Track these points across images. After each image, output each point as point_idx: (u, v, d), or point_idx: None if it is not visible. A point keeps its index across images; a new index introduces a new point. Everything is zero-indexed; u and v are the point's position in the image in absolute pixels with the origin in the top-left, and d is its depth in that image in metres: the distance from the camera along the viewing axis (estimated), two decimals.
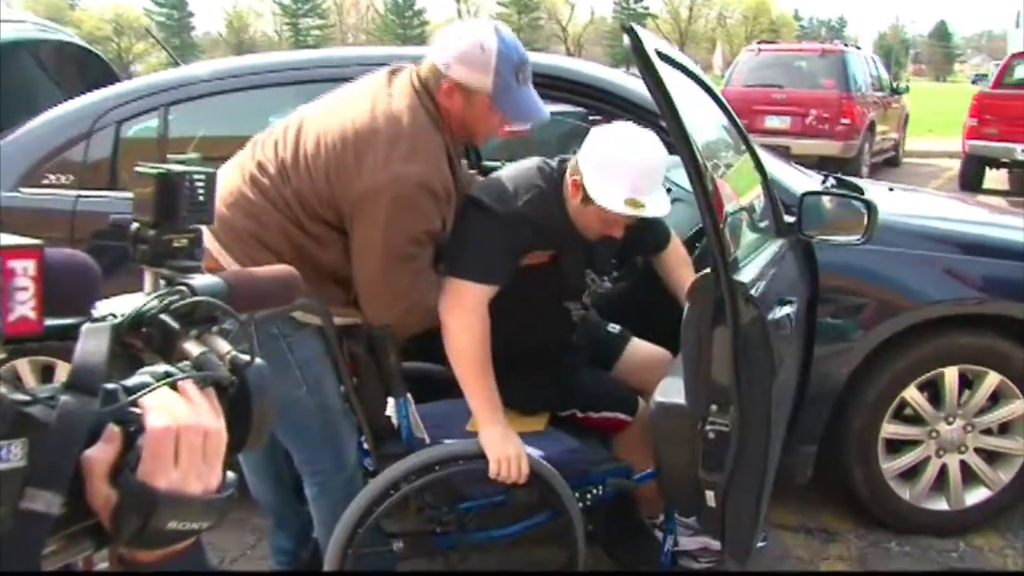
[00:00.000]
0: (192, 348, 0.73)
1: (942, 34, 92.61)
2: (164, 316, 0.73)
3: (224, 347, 0.75)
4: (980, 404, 2.85)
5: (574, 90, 2.87)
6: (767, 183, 2.61)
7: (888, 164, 12.84)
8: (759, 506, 2.13)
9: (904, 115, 13.97)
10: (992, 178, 10.95)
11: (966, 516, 2.95)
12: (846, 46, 12.42)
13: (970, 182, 10.65)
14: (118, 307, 0.73)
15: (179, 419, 0.67)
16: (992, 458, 2.92)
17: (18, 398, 0.60)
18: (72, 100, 3.06)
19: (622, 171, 2.12)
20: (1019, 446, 2.89)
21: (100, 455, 0.65)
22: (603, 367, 2.57)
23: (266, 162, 2.12)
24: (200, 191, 0.83)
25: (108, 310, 0.72)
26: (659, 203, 2.16)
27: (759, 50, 12.26)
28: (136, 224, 0.83)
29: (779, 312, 2.09)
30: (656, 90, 1.81)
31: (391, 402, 2.25)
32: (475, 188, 2.31)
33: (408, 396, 2.24)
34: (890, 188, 3.66)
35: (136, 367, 0.71)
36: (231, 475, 0.72)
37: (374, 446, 2.27)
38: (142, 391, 0.68)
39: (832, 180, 3.19)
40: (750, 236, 2.41)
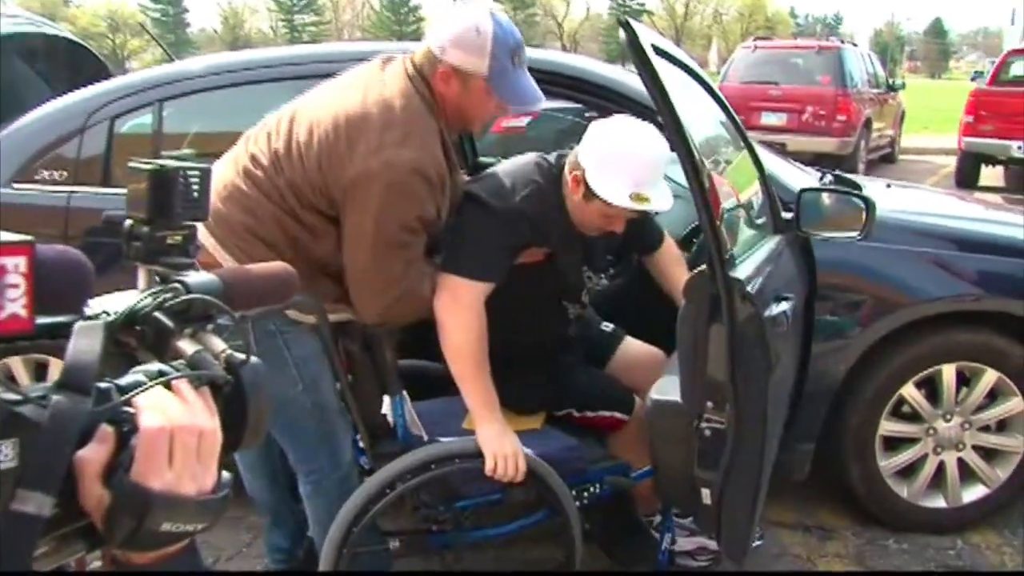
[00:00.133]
0: (186, 346, 0.72)
1: (938, 31, 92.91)
2: (158, 314, 0.72)
3: (219, 345, 0.74)
4: (978, 401, 2.85)
5: (571, 85, 2.85)
6: (765, 179, 2.60)
7: (884, 161, 12.87)
8: (755, 504, 2.12)
9: (900, 112, 13.97)
10: (988, 175, 10.98)
11: (963, 513, 2.95)
12: (842, 43, 12.41)
13: (966, 179, 10.67)
14: (111, 305, 0.72)
15: (173, 419, 0.66)
16: (990, 455, 2.92)
17: (9, 397, 0.59)
18: (65, 96, 3.03)
19: (625, 165, 2.10)
20: (1016, 443, 2.89)
21: (93, 455, 0.64)
22: (596, 365, 2.56)
23: (259, 154, 2.11)
24: (195, 187, 0.82)
25: (101, 308, 0.71)
26: (663, 197, 2.14)
27: (755, 47, 12.27)
28: (130, 221, 0.82)
29: (776, 309, 2.08)
30: (651, 85, 1.79)
31: (387, 400, 2.24)
32: (472, 183, 2.30)
33: (404, 393, 2.23)
34: (888, 184, 3.66)
35: (130, 366, 0.70)
36: (226, 475, 0.71)
37: (370, 444, 2.27)
38: (136, 390, 0.67)
39: (830, 177, 3.19)
40: (747, 233, 2.40)
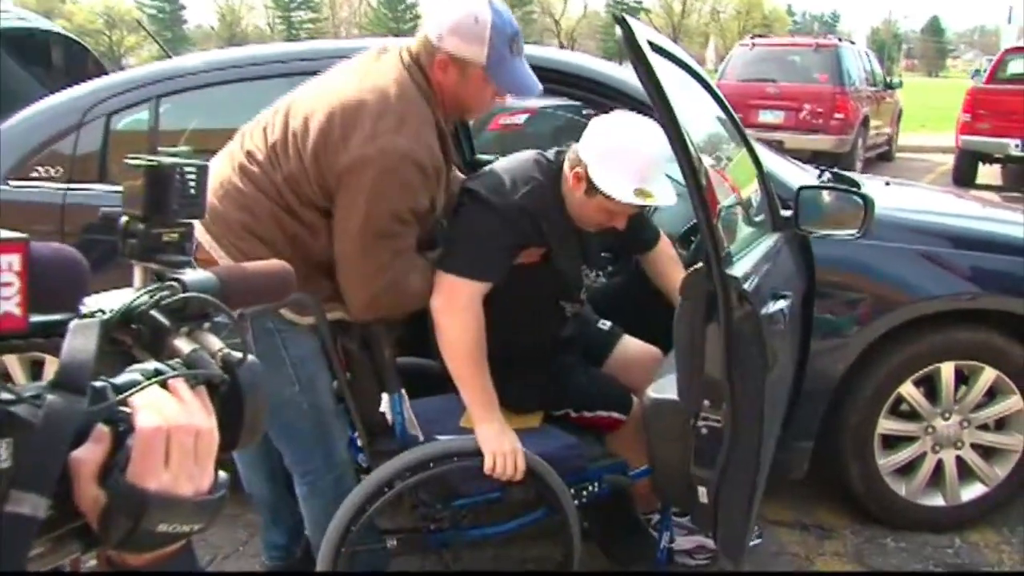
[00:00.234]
0: (183, 345, 0.71)
1: (935, 29, 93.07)
2: (154, 312, 0.72)
3: (216, 344, 0.73)
4: (976, 400, 2.85)
5: (569, 82, 2.85)
6: (763, 177, 2.59)
7: (881, 159, 12.88)
8: (751, 503, 2.12)
9: (897, 110, 13.98)
10: (985, 173, 10.99)
11: (962, 512, 2.95)
12: (840, 41, 12.41)
13: (963, 177, 10.68)
14: (107, 303, 0.71)
15: (170, 418, 0.65)
16: (988, 454, 2.92)
17: (2, 397, 0.58)
18: (61, 92, 3.02)
19: (629, 161, 2.10)
20: (1015, 442, 2.89)
21: (88, 456, 0.63)
22: (594, 364, 2.55)
23: (255, 150, 2.10)
24: (191, 184, 0.81)
25: (97, 306, 0.70)
26: (666, 192, 2.14)
27: (753, 44, 12.23)
28: (126, 217, 0.81)
29: (773, 307, 2.07)
30: (648, 81, 1.77)
31: (385, 397, 2.23)
32: (471, 180, 2.29)
33: (402, 392, 2.22)
34: (887, 182, 3.66)
35: (125, 364, 0.69)
36: (223, 475, 0.70)
37: (368, 442, 2.26)
38: (132, 390, 0.66)
39: (828, 175, 3.18)
40: (745, 230, 2.39)
